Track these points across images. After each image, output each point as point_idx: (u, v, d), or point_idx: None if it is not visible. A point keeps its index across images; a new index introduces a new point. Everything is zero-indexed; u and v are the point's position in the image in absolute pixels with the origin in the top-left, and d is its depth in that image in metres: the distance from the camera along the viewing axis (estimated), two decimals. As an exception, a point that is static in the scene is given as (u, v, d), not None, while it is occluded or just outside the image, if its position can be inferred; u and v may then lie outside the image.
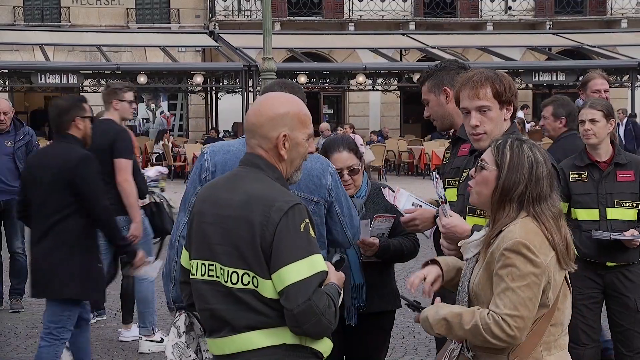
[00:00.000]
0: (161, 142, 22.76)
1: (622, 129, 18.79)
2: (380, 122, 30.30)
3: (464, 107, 3.55)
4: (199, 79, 24.01)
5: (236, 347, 2.83)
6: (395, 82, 24.70)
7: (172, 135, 28.34)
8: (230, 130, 28.26)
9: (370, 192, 4.35)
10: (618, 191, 5.08)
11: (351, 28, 29.93)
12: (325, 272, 2.79)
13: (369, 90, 26.86)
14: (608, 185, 5.10)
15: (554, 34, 29.25)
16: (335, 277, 2.87)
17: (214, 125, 27.65)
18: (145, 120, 30.77)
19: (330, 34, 29.09)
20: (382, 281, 4.45)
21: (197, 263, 2.91)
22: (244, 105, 23.28)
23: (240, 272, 2.79)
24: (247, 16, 29.78)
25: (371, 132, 27.79)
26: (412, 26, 30.03)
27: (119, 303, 8.87)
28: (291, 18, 29.84)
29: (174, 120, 31.45)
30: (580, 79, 26.86)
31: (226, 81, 25.04)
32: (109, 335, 7.41)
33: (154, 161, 22.28)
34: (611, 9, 31.21)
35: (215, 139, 24.55)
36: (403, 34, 28.77)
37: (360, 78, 24.21)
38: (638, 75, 24.60)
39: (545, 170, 2.90)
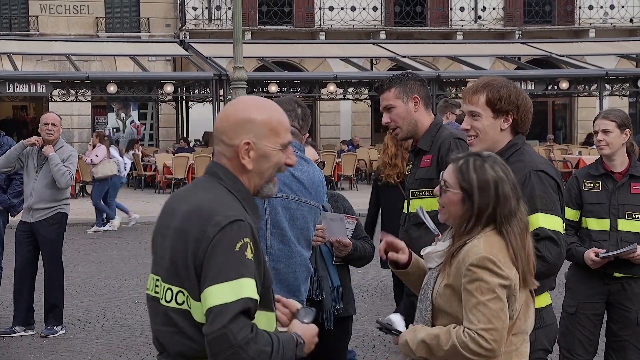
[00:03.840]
0: (131, 152, 22.62)
1: None
2: (351, 131, 30.33)
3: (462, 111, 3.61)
4: (169, 88, 23.90)
5: None
6: (366, 91, 24.74)
7: (143, 145, 28.18)
8: (201, 139, 28.14)
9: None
10: (631, 203, 5.05)
11: (322, 37, 29.96)
12: (254, 301, 2.42)
13: (339, 99, 26.88)
14: (621, 197, 5.06)
15: (523, 43, 29.47)
16: (301, 329, 2.61)
17: (185, 135, 27.52)
18: (115, 130, 30.55)
19: (301, 43, 29.10)
20: (347, 284, 4.48)
21: (150, 276, 2.66)
22: (215, 115, 23.19)
23: (175, 289, 2.51)
24: (218, 25, 29.71)
25: (341, 142, 27.82)
26: (382, 35, 30.12)
27: (88, 313, 8.79)
28: (262, 27, 29.82)
29: (144, 129, 31.27)
30: (550, 87, 27.11)
31: (197, 90, 24.95)
32: (77, 347, 7.33)
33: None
34: (579, 19, 31.51)
35: (185, 149, 24.48)
36: (374, 43, 28.84)
37: (331, 87, 24.23)
38: (606, 85, 24.83)
39: (509, 186, 2.90)
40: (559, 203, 3.49)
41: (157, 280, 2.59)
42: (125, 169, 17.16)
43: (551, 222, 3.42)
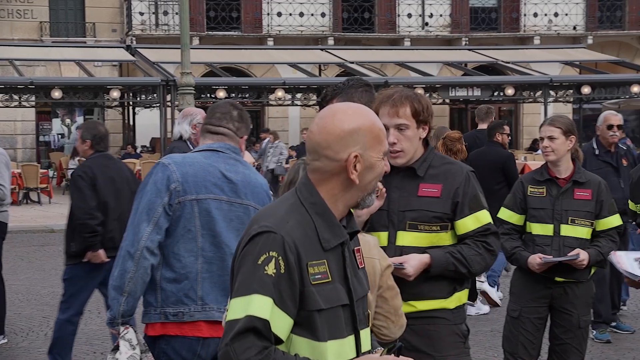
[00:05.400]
0: (77, 158, 22.31)
1: None
2: (300, 137, 30.33)
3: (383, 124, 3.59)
4: (115, 93, 23.66)
5: None
6: (315, 97, 24.77)
7: (88, 151, 27.78)
8: (148, 145, 27.89)
9: None
10: (574, 209, 5.13)
11: (270, 43, 29.93)
12: (261, 320, 2.25)
13: (288, 105, 26.87)
14: (565, 202, 5.14)
15: (469, 50, 29.77)
16: None
17: (132, 141, 27.26)
18: (60, 136, 30.14)
19: (249, 48, 29.03)
20: None
21: None
22: (162, 121, 23.02)
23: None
24: (165, 30, 29.50)
25: (290, 147, 27.80)
26: (330, 41, 30.19)
27: (31, 322, 8.64)
28: (210, 33, 29.67)
29: (90, 135, 30.86)
30: (496, 94, 27.37)
31: (144, 96, 24.72)
32: (20, 356, 7.19)
33: (69, 177, 21.84)
34: (524, 26, 31.94)
35: (132, 155, 24.23)
36: (322, 49, 28.89)
37: (280, 93, 24.22)
38: (550, 91, 25.20)
39: None
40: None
41: None
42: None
43: (491, 219, 3.67)
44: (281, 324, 2.28)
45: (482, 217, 3.63)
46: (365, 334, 2.46)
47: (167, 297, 3.77)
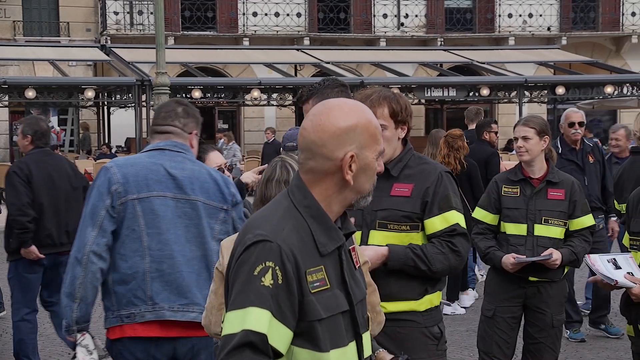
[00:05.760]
0: (51, 158, 22.14)
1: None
2: (275, 137, 30.28)
3: None
4: (90, 93, 23.48)
5: None
6: (290, 97, 24.74)
7: (63, 151, 27.65)
8: (123, 145, 27.74)
9: None
10: (547, 208, 5.16)
11: (246, 43, 29.86)
12: (257, 335, 2.14)
13: (264, 105, 26.82)
14: (538, 202, 5.17)
15: (445, 50, 29.87)
16: None
17: (106, 141, 27.10)
18: (34, 136, 29.90)
19: (225, 48, 28.94)
20: None
21: None
22: (137, 121, 22.90)
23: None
24: (140, 30, 29.35)
25: (266, 147, 27.74)
26: (306, 41, 30.18)
27: (4, 324, 8.57)
28: (185, 32, 29.55)
29: (64, 135, 30.68)
30: (471, 94, 27.50)
31: (119, 96, 24.57)
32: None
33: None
34: (499, 26, 32.09)
35: (107, 155, 24.08)
36: (297, 49, 28.86)
37: (255, 93, 24.16)
38: (525, 92, 25.33)
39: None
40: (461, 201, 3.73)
41: None
42: None
43: (462, 220, 3.64)
44: (280, 337, 2.17)
45: (450, 218, 3.62)
46: (366, 338, 2.39)
47: (119, 299, 3.77)
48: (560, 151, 7.74)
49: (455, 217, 3.62)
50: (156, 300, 3.73)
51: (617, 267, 4.20)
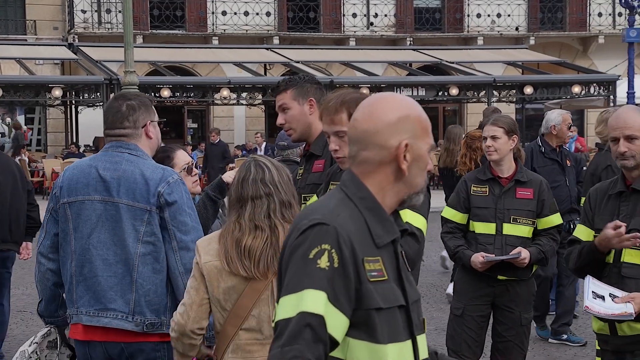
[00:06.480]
0: (18, 158, 21.93)
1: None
2: (245, 136, 30.22)
3: (324, 131, 3.60)
4: (57, 92, 23.27)
5: None
6: (260, 96, 24.69)
7: (30, 150, 27.38)
8: (91, 144, 27.52)
9: None
10: (516, 207, 5.19)
11: (215, 42, 29.74)
12: (316, 317, 2.04)
13: (233, 104, 26.74)
14: (507, 201, 5.20)
15: (414, 50, 29.96)
16: None
17: (74, 140, 26.87)
18: (0, 135, 29.58)
19: (194, 47, 28.81)
20: None
21: None
22: (106, 120, 22.69)
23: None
24: (108, 29, 29.13)
25: (235, 147, 27.66)
26: (276, 40, 30.12)
27: None
28: (154, 31, 29.38)
29: (31, 134, 30.39)
30: (440, 94, 27.54)
31: (87, 95, 24.35)
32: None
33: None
34: (468, 26, 32.25)
35: (75, 154, 23.88)
36: (267, 49, 28.81)
37: (225, 92, 24.07)
38: (494, 91, 25.47)
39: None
40: (428, 205, 3.55)
41: None
42: None
43: (417, 221, 3.51)
44: (336, 323, 2.07)
45: (413, 220, 3.52)
46: (422, 340, 2.29)
47: (65, 300, 3.92)
48: (543, 150, 7.70)
49: (407, 216, 3.48)
50: (78, 304, 3.78)
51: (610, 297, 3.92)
